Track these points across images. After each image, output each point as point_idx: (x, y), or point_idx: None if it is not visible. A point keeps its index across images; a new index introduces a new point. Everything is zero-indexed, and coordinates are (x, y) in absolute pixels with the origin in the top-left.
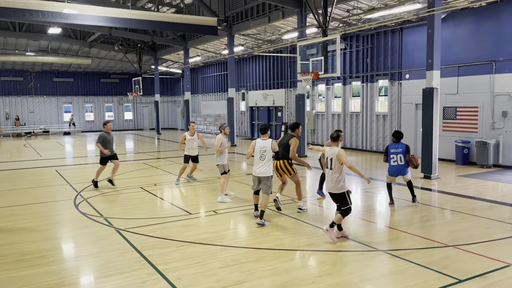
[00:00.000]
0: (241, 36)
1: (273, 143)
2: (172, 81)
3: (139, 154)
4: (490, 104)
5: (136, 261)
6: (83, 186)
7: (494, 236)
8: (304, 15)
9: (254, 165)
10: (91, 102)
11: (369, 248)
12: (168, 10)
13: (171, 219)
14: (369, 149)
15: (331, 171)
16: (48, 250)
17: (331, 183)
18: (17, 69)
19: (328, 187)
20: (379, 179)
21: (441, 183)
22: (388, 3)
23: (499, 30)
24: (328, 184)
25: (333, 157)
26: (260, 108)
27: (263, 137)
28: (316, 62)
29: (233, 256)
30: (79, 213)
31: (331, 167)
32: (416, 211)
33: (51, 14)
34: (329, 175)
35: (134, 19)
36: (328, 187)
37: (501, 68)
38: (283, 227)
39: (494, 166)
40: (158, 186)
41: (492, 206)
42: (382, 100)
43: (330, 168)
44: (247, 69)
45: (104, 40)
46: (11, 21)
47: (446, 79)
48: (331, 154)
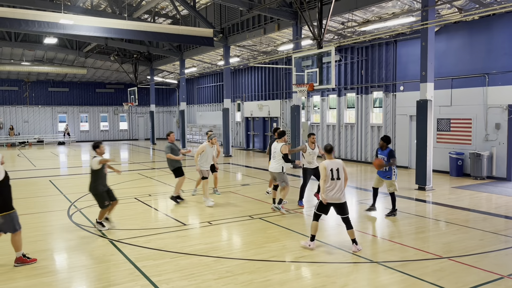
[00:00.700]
0: (237, 47)
1: (282, 147)
2: (168, 92)
3: (133, 165)
4: (483, 116)
5: (130, 273)
6: (77, 196)
7: (488, 248)
8: (299, 27)
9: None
10: (86, 112)
11: (364, 259)
12: (164, 21)
13: (165, 230)
14: (364, 160)
15: (339, 182)
16: (40, 261)
17: (339, 193)
18: (12, 79)
19: (336, 198)
20: None
21: (436, 195)
22: (382, 16)
23: (491, 43)
24: (336, 195)
25: (339, 167)
26: (255, 118)
27: (278, 140)
28: (311, 73)
29: (228, 268)
30: (73, 224)
31: (339, 177)
32: (411, 222)
33: (47, 24)
34: (337, 185)
35: (130, 29)
36: (337, 198)
37: (494, 80)
38: (278, 238)
39: (488, 178)
40: (152, 196)
41: (486, 218)
42: (376, 111)
43: (338, 178)
44: (243, 80)
45: (100, 50)
46: (7, 31)
47: (440, 91)
48: (336, 165)
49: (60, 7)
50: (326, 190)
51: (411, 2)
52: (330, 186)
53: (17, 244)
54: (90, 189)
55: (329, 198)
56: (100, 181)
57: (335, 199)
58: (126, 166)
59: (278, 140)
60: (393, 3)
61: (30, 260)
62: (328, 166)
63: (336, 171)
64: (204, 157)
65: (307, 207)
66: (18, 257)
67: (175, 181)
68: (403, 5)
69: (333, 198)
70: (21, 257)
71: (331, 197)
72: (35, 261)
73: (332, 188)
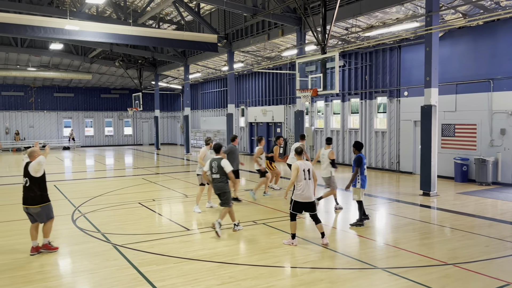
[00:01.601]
0: (241, 53)
1: (330, 153)
2: (172, 97)
3: (138, 170)
4: (488, 122)
5: (133, 278)
6: (81, 201)
7: (493, 254)
8: (303, 33)
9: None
10: (91, 117)
11: (368, 265)
12: (169, 27)
13: (169, 235)
14: (368, 166)
15: (310, 181)
16: (44, 266)
17: (310, 192)
18: (18, 84)
19: (308, 197)
20: (378, 196)
21: (440, 200)
22: (386, 22)
23: (496, 49)
24: (309, 194)
25: (310, 168)
26: (259, 124)
27: (326, 147)
28: (315, 79)
29: (231, 273)
30: (77, 229)
31: (309, 177)
32: (416, 228)
33: (53, 30)
34: (308, 185)
35: (135, 35)
36: (308, 196)
37: (499, 86)
38: (281, 244)
39: (493, 184)
40: (156, 201)
41: (492, 224)
42: (380, 117)
43: (309, 178)
44: (247, 86)
45: (105, 56)
46: (13, 37)
47: (444, 96)
48: (307, 166)
49: (66, 13)
50: (299, 190)
51: (415, 7)
52: (303, 186)
53: (47, 231)
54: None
55: (303, 197)
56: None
57: (307, 198)
58: (131, 171)
59: (326, 146)
60: (397, 8)
61: (53, 248)
62: (301, 167)
63: (307, 172)
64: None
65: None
66: (44, 244)
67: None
68: (407, 11)
69: (305, 197)
70: (47, 244)
71: (305, 197)
72: (57, 249)
73: (304, 187)
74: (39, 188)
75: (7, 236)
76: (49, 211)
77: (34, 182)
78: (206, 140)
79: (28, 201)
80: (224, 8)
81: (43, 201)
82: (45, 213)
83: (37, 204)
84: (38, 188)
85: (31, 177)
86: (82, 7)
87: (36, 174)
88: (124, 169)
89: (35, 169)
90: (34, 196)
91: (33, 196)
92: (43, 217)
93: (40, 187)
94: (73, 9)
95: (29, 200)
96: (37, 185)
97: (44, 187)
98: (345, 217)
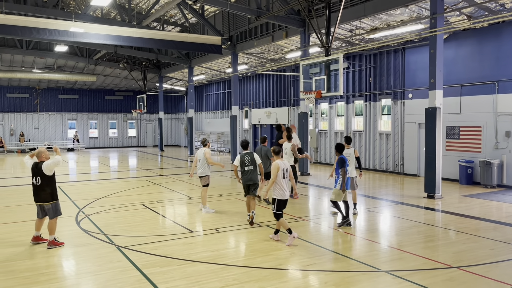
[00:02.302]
0: (245, 55)
1: (355, 151)
2: (176, 99)
3: (142, 171)
4: (493, 124)
5: (137, 280)
6: (85, 202)
7: (499, 257)
8: (307, 35)
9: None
10: (95, 119)
11: (372, 268)
12: (173, 29)
13: (172, 236)
14: (372, 168)
15: (287, 180)
16: (47, 267)
17: (288, 191)
18: (23, 86)
19: (287, 195)
20: (383, 198)
21: (445, 203)
22: (390, 24)
23: (501, 51)
24: (287, 192)
25: (288, 167)
26: (263, 126)
27: (347, 146)
28: (319, 81)
29: (235, 276)
30: (81, 230)
31: (287, 176)
32: (420, 231)
33: (58, 32)
34: (287, 184)
35: (139, 37)
36: (287, 194)
37: (504, 88)
38: (285, 246)
39: (498, 186)
40: (160, 203)
41: (497, 227)
42: (385, 119)
43: (287, 177)
44: (251, 87)
45: (109, 58)
46: (18, 39)
47: (449, 98)
48: (285, 165)
49: (70, 15)
50: (281, 189)
51: (420, 9)
52: (283, 185)
53: (52, 228)
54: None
55: (284, 195)
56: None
57: (286, 196)
58: (134, 172)
59: (347, 146)
60: (401, 10)
61: (60, 243)
62: (281, 166)
63: (286, 171)
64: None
65: (313, 215)
66: (51, 240)
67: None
68: (411, 13)
69: (285, 195)
70: (54, 240)
71: (285, 194)
72: (63, 244)
73: (284, 186)
74: (50, 186)
75: (13, 236)
76: (58, 208)
77: (46, 180)
78: (204, 141)
79: (41, 199)
80: (228, 10)
81: (53, 198)
82: (54, 210)
83: (49, 201)
84: (49, 187)
85: (43, 175)
86: (87, 9)
87: (50, 173)
88: (128, 170)
89: (50, 168)
90: (45, 193)
91: (44, 194)
92: (51, 213)
93: (51, 186)
94: (78, 11)
95: (41, 197)
96: (49, 183)
97: (54, 185)
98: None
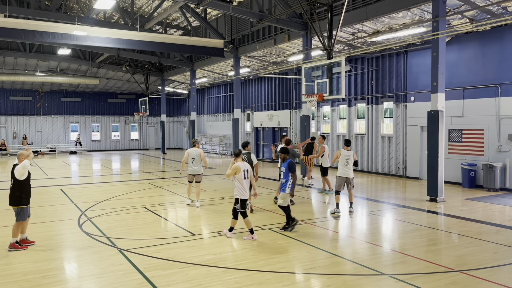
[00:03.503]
0: (247, 58)
1: (353, 154)
2: (179, 102)
3: (144, 174)
4: (496, 127)
5: (139, 283)
6: (88, 205)
7: (501, 261)
8: (309, 38)
9: (340, 169)
10: (98, 122)
11: (374, 272)
12: (175, 32)
13: (174, 240)
14: (374, 171)
15: (248, 181)
16: (50, 270)
17: (248, 190)
18: (26, 89)
19: (247, 195)
20: (385, 202)
21: (448, 206)
22: (392, 27)
23: (503, 54)
24: (247, 191)
25: (249, 169)
26: (265, 128)
27: (347, 148)
28: (321, 84)
29: (236, 279)
30: (83, 233)
31: (248, 177)
32: (422, 234)
33: (61, 35)
34: (247, 184)
35: (142, 41)
36: (247, 194)
37: (507, 91)
38: (287, 249)
39: (501, 190)
40: (162, 206)
41: (500, 230)
42: (387, 122)
43: (247, 178)
44: (253, 90)
45: (112, 61)
46: (21, 42)
47: (452, 101)
48: (246, 166)
49: (73, 19)
50: (242, 189)
51: (422, 12)
52: (244, 185)
53: (15, 232)
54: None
55: (244, 195)
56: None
57: (246, 196)
58: (137, 175)
59: (347, 148)
60: (403, 13)
61: (21, 246)
62: (241, 167)
63: (246, 172)
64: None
65: (316, 218)
66: (12, 243)
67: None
68: (413, 16)
69: (245, 195)
70: (14, 243)
71: (245, 194)
72: (26, 248)
73: (245, 186)
74: (20, 190)
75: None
76: (23, 214)
77: (17, 184)
78: (194, 141)
79: (10, 201)
80: (230, 14)
81: (21, 203)
82: (19, 214)
83: (16, 205)
84: (19, 191)
85: (15, 179)
86: (89, 12)
87: (20, 177)
88: (130, 173)
89: (20, 173)
90: (14, 197)
91: (13, 197)
92: (16, 217)
93: (21, 190)
94: (81, 14)
95: (10, 200)
96: (20, 187)
97: (26, 190)
98: (351, 223)
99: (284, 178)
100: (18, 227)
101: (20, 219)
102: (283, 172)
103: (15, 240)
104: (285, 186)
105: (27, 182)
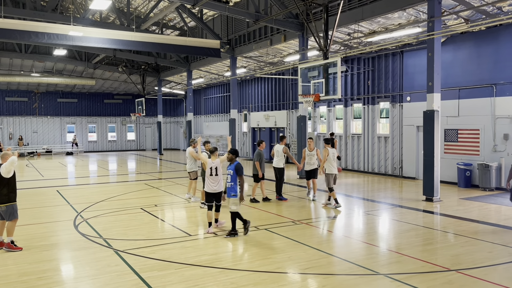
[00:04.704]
0: (243, 58)
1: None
2: (175, 102)
3: (140, 175)
4: (491, 127)
5: (134, 284)
6: (84, 206)
7: (497, 260)
8: (305, 38)
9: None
10: (94, 123)
11: (370, 271)
12: (172, 32)
13: (170, 240)
14: (371, 171)
15: (216, 177)
16: (45, 272)
17: (213, 185)
18: (22, 90)
19: (213, 189)
20: (381, 201)
21: (443, 206)
22: (388, 27)
23: (498, 54)
24: (213, 187)
25: (218, 166)
26: (262, 129)
27: (329, 146)
28: (318, 84)
29: (232, 279)
30: (79, 234)
31: (217, 173)
32: (418, 234)
33: (57, 36)
34: (213, 180)
35: (138, 41)
36: (214, 189)
37: (502, 91)
38: (283, 249)
39: (497, 189)
40: (158, 207)
41: (495, 230)
42: (383, 122)
43: (216, 174)
44: (249, 91)
45: (108, 61)
46: (17, 43)
47: (447, 101)
48: (215, 164)
49: (69, 19)
50: (208, 184)
51: (417, 13)
52: (210, 180)
53: (10, 230)
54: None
55: (210, 189)
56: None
57: (213, 190)
58: (133, 176)
59: (328, 146)
60: (399, 14)
61: (17, 247)
62: (209, 165)
63: (214, 169)
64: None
65: (312, 218)
66: (7, 243)
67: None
68: (409, 16)
69: (211, 189)
70: (10, 243)
71: (211, 188)
72: (21, 249)
73: (211, 181)
74: (8, 188)
75: None
76: (13, 211)
77: (4, 182)
78: (191, 141)
79: None
80: (227, 14)
81: (10, 200)
82: (9, 212)
83: (3, 203)
84: (6, 188)
85: (1, 177)
86: (85, 13)
87: (7, 175)
88: (126, 174)
89: (7, 169)
90: (1, 195)
91: (1, 195)
92: (7, 216)
93: (9, 187)
94: (77, 15)
95: None
96: (6, 185)
97: (12, 188)
98: (347, 223)
99: (231, 181)
100: (13, 226)
101: (14, 216)
102: (230, 175)
103: (11, 240)
104: (234, 191)
105: (13, 180)
